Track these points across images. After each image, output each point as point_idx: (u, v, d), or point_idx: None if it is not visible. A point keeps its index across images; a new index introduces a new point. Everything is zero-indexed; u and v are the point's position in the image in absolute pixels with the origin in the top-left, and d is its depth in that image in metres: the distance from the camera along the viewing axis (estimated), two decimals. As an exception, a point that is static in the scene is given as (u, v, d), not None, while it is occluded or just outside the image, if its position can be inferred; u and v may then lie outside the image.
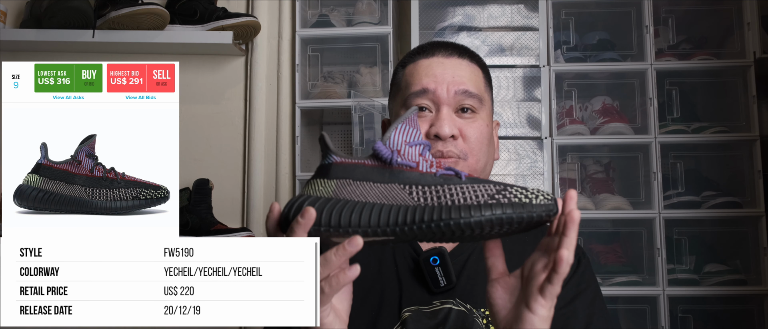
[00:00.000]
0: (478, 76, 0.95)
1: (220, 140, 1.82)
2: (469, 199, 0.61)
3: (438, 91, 0.90)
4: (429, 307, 0.86)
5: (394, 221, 0.61)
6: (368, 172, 0.65)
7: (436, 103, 0.91)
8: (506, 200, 0.61)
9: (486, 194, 0.62)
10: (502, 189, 0.62)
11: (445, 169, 0.65)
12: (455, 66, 0.93)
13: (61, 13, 1.62)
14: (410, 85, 0.93)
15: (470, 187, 0.63)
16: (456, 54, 0.95)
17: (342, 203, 0.64)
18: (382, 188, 0.64)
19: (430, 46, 0.97)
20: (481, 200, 0.61)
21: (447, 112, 0.89)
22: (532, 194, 0.61)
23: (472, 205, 0.60)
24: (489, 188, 0.63)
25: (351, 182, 0.65)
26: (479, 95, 0.92)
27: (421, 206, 0.62)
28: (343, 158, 0.67)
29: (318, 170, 0.68)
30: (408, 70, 0.95)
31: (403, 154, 0.65)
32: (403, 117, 0.67)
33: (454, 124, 0.89)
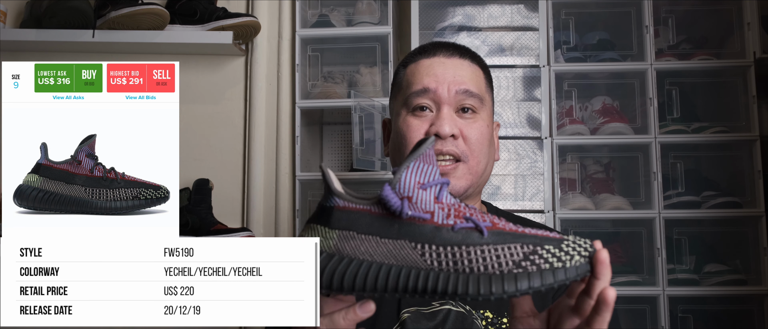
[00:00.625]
0: (480, 77, 0.95)
1: (220, 140, 1.82)
2: (491, 267, 0.53)
3: (439, 90, 0.90)
4: (428, 308, 0.86)
5: (404, 287, 0.55)
6: (374, 224, 0.57)
7: (436, 102, 0.91)
8: (535, 268, 0.52)
9: (511, 261, 0.53)
10: (530, 252, 0.53)
11: (465, 219, 0.56)
12: (457, 66, 0.93)
13: (61, 13, 1.62)
14: (411, 84, 0.93)
15: (492, 250, 0.54)
16: (458, 54, 0.95)
17: (345, 263, 0.57)
18: (390, 245, 0.56)
19: (432, 46, 0.97)
20: (505, 269, 0.53)
21: (448, 111, 0.90)
22: (566, 256, 0.53)
23: (493, 275, 0.53)
24: (515, 251, 0.54)
25: (355, 236, 0.58)
26: (480, 95, 0.92)
27: (436, 271, 0.54)
28: (346, 203, 0.60)
29: (318, 211, 0.62)
30: (409, 70, 0.95)
31: (415, 200, 0.57)
32: (417, 153, 0.58)
33: (455, 123, 0.89)
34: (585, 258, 0.54)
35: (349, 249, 0.58)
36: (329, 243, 0.59)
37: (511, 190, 1.65)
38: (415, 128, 0.91)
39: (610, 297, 0.54)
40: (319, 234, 0.60)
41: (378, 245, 0.57)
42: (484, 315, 0.86)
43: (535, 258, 0.53)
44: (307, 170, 1.78)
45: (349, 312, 0.59)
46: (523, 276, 0.52)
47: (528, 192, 1.65)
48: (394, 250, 0.56)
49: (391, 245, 0.56)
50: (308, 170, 1.78)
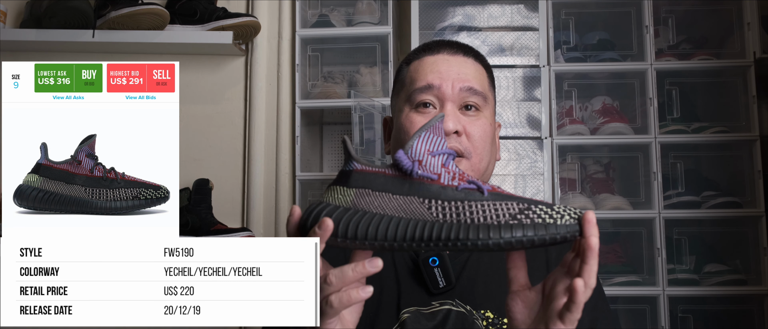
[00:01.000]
0: (483, 76, 0.95)
1: (220, 140, 1.82)
2: (489, 218, 0.59)
3: (443, 87, 0.90)
4: (428, 308, 0.86)
5: (411, 237, 0.60)
6: (388, 182, 0.64)
7: (440, 99, 0.91)
8: (529, 221, 0.58)
9: (508, 213, 0.59)
10: (525, 208, 0.59)
11: (468, 182, 0.62)
12: (460, 64, 0.93)
13: (61, 13, 1.62)
14: (415, 81, 0.93)
15: (492, 205, 0.60)
16: (461, 52, 0.95)
17: (360, 214, 0.63)
18: (401, 200, 0.63)
19: (436, 44, 0.97)
20: (502, 220, 0.59)
21: (451, 108, 0.90)
22: (557, 214, 0.59)
23: (491, 225, 0.58)
24: (511, 206, 0.60)
25: (370, 192, 0.64)
26: (483, 93, 0.92)
27: (440, 222, 0.60)
28: (363, 166, 0.66)
29: (338, 176, 0.68)
30: (412, 67, 0.95)
31: (424, 164, 0.64)
32: (428, 125, 0.65)
33: (458, 120, 0.89)
34: (574, 220, 0.59)
35: (364, 204, 0.64)
36: (347, 199, 0.65)
37: (511, 190, 1.65)
38: (417, 124, 0.91)
39: (593, 243, 0.58)
40: (337, 194, 0.66)
41: (390, 200, 0.63)
42: (485, 315, 0.85)
43: (529, 213, 0.59)
44: (307, 170, 1.78)
45: (359, 265, 0.61)
46: (518, 226, 0.58)
47: (528, 192, 1.65)
48: (405, 205, 0.63)
49: (402, 200, 0.63)
50: (308, 170, 1.78)
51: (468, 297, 0.86)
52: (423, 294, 0.87)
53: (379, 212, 0.63)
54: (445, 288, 0.86)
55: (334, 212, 0.63)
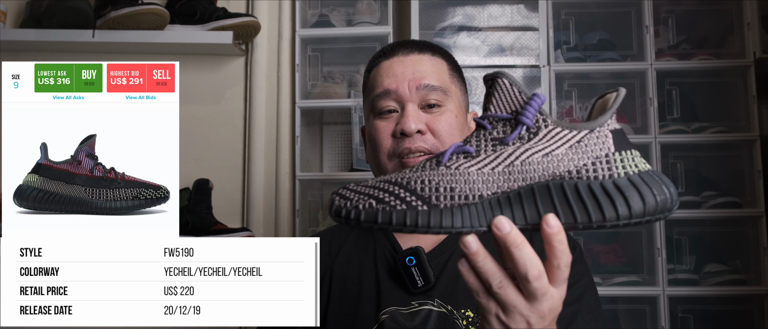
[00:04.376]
0: (442, 68, 0.94)
1: (220, 140, 1.82)
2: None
3: (399, 90, 0.90)
4: (407, 308, 0.85)
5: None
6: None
7: (399, 102, 0.91)
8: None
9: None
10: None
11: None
12: (415, 62, 0.93)
13: (61, 13, 1.62)
14: (374, 88, 0.94)
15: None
16: (416, 50, 0.95)
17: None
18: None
19: (391, 47, 0.97)
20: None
21: (412, 108, 0.90)
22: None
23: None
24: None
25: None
26: (443, 87, 0.92)
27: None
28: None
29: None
30: (372, 74, 0.96)
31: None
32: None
33: (420, 119, 0.89)
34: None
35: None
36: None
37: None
38: (381, 130, 0.91)
39: (550, 222, 0.51)
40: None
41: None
42: (465, 314, 0.85)
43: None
44: (307, 170, 1.78)
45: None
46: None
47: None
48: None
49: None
50: (308, 170, 1.78)
51: (449, 296, 0.85)
52: (402, 294, 0.86)
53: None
54: (424, 287, 0.86)
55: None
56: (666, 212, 0.51)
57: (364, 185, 0.55)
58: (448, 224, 0.51)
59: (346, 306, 0.88)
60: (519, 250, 0.51)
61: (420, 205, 0.52)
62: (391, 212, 0.52)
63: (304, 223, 1.74)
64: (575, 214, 0.51)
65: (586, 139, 0.53)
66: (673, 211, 0.51)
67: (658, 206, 0.50)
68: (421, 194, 0.53)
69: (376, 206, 0.53)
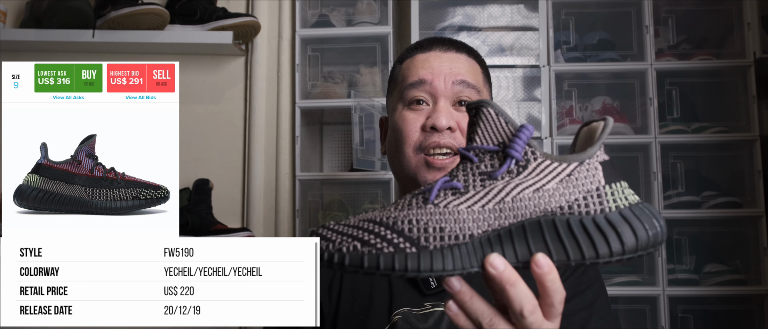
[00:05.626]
0: (476, 70, 0.94)
1: (220, 140, 1.82)
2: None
3: (435, 82, 0.89)
4: (420, 309, 0.85)
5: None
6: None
7: (433, 95, 0.90)
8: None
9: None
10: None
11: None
12: (453, 59, 0.92)
13: (61, 13, 1.62)
14: (407, 77, 0.92)
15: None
16: (454, 48, 0.94)
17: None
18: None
19: (428, 41, 0.96)
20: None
21: (444, 103, 0.89)
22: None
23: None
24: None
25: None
26: (477, 87, 0.91)
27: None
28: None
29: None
30: (405, 65, 0.95)
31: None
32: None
33: (452, 116, 0.88)
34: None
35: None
36: None
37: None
38: (411, 121, 0.89)
39: (538, 261, 0.50)
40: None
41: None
42: None
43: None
44: (307, 170, 1.78)
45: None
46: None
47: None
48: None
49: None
50: (308, 170, 1.78)
51: None
52: (415, 295, 0.86)
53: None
54: (437, 288, 0.85)
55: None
56: (657, 246, 0.51)
57: (345, 224, 0.53)
58: (438, 266, 0.49)
59: (357, 306, 0.87)
60: (514, 288, 0.51)
61: (408, 247, 0.50)
62: (378, 255, 0.50)
63: (304, 223, 1.74)
64: (568, 252, 0.50)
65: (576, 172, 0.52)
66: (662, 244, 0.51)
67: (650, 241, 0.50)
68: (409, 235, 0.50)
69: (362, 249, 0.50)
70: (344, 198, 1.78)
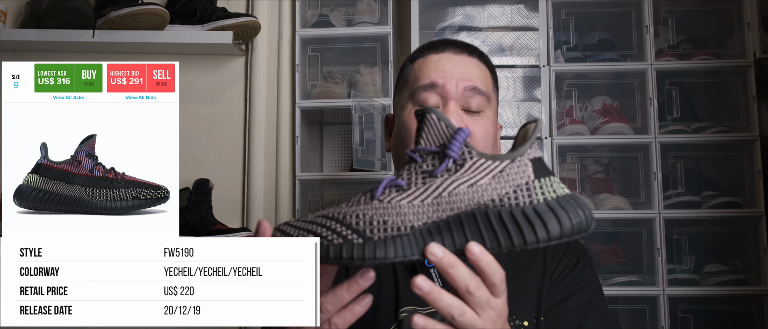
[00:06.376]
0: (487, 76, 0.95)
1: (220, 140, 1.82)
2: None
3: (446, 85, 0.90)
4: (426, 308, 0.85)
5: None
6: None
7: (443, 98, 0.90)
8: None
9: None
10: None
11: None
12: (465, 63, 0.93)
13: (61, 13, 1.62)
14: (418, 78, 0.93)
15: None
16: (466, 52, 0.95)
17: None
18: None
19: (441, 42, 0.97)
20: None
21: (454, 107, 0.89)
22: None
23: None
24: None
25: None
26: (487, 93, 0.92)
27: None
28: None
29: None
30: (417, 65, 0.95)
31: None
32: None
33: (461, 120, 0.89)
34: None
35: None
36: None
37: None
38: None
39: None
40: None
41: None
42: None
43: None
44: (307, 170, 1.78)
45: (352, 283, 0.61)
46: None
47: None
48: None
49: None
50: (308, 170, 1.78)
51: None
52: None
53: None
54: (443, 287, 0.85)
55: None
56: (582, 233, 0.56)
57: (303, 220, 0.59)
58: (381, 255, 0.55)
59: None
60: (455, 269, 0.56)
61: (355, 238, 0.56)
62: (329, 246, 0.56)
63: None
64: (499, 239, 0.55)
65: (508, 168, 0.57)
66: (590, 231, 0.56)
67: (574, 228, 0.55)
68: (356, 227, 0.57)
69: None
70: (344, 198, 1.78)
